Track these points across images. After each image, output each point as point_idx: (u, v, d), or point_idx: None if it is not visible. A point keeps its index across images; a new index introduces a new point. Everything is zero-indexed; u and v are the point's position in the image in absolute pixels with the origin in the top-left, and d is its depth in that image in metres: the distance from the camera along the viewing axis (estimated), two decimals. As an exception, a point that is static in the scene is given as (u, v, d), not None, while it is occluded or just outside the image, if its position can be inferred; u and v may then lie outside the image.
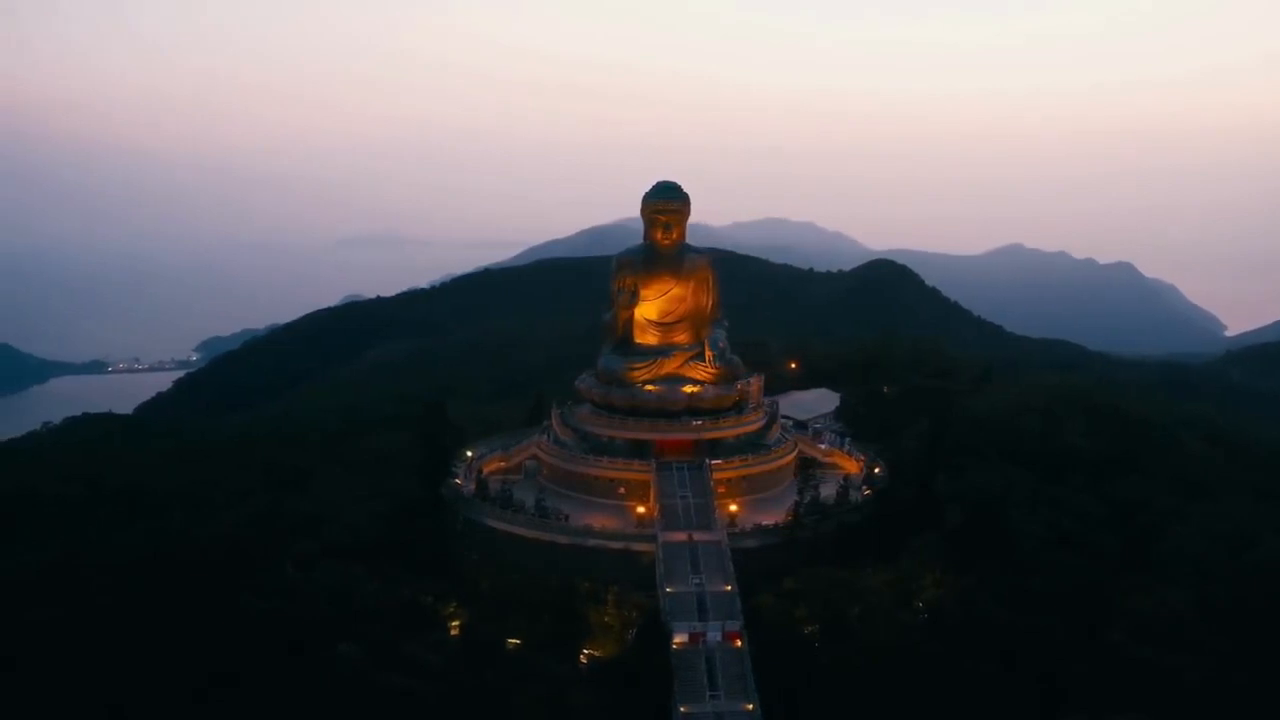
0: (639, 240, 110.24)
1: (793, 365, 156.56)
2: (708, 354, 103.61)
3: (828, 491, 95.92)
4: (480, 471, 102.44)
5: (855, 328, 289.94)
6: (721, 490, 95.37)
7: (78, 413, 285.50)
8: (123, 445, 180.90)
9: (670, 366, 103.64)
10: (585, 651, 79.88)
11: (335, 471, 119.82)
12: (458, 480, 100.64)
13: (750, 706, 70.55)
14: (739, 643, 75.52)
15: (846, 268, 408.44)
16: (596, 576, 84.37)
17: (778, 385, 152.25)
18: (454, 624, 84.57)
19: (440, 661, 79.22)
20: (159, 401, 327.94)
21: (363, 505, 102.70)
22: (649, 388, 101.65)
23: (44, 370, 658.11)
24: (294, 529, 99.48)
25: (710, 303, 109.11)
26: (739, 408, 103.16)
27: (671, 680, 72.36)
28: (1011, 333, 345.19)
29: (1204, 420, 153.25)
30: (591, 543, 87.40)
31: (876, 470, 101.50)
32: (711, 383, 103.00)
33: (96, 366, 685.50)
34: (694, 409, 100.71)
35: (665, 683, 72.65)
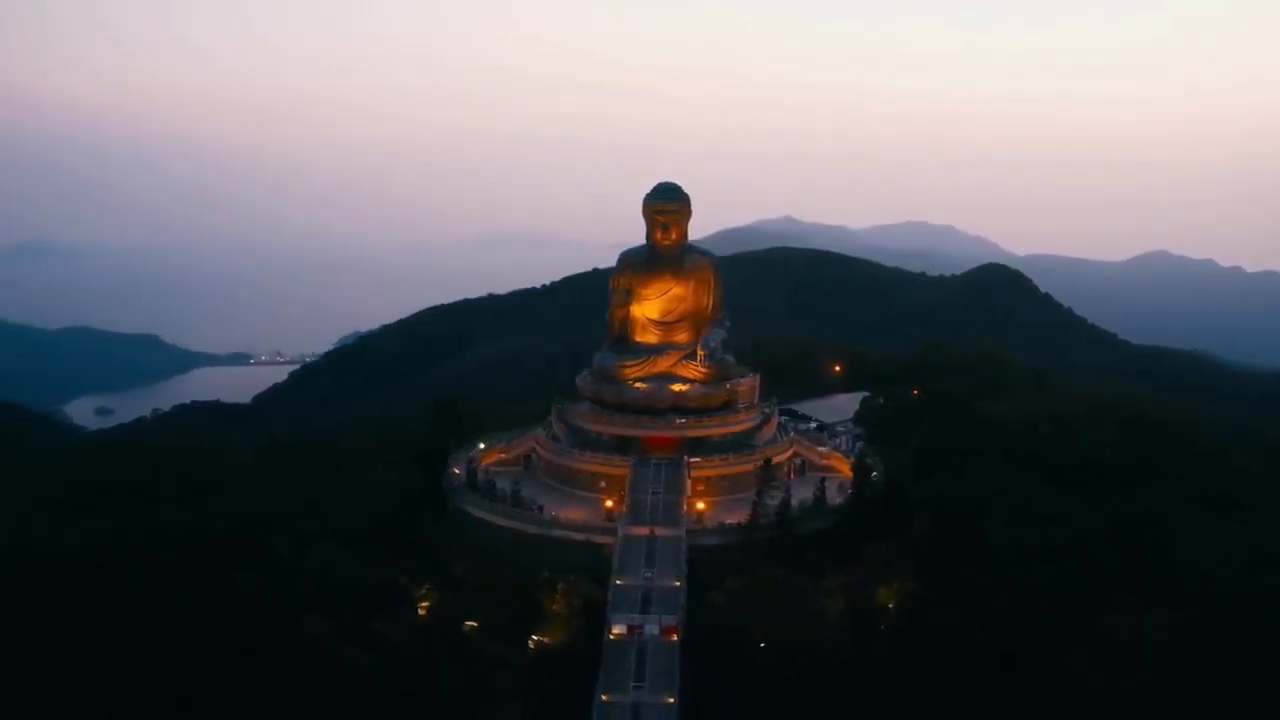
0: (769, 242, 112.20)
1: (836, 369, 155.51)
2: (699, 354, 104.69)
3: (805, 494, 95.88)
4: (473, 462, 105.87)
5: (954, 332, 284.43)
6: (701, 488, 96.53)
7: (206, 402, 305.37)
8: (203, 434, 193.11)
9: (663, 365, 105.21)
10: (534, 637, 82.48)
11: (368, 463, 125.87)
12: (456, 470, 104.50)
13: (670, 700, 71.90)
14: (674, 637, 76.92)
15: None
16: (560, 566, 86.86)
17: (822, 388, 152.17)
18: (423, 605, 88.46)
19: (400, 639, 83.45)
20: (274, 393, 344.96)
21: (371, 493, 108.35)
22: (639, 385, 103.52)
23: (187, 361, 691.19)
24: (305, 513, 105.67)
25: (711, 303, 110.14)
26: (728, 407, 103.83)
27: (598, 669, 74.39)
28: (1127, 341, 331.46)
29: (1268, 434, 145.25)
30: (556, 533, 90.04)
31: (874, 474, 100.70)
32: (702, 382, 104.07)
33: (239, 359, 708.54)
34: (680, 407, 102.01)
35: (593, 671, 74.72)
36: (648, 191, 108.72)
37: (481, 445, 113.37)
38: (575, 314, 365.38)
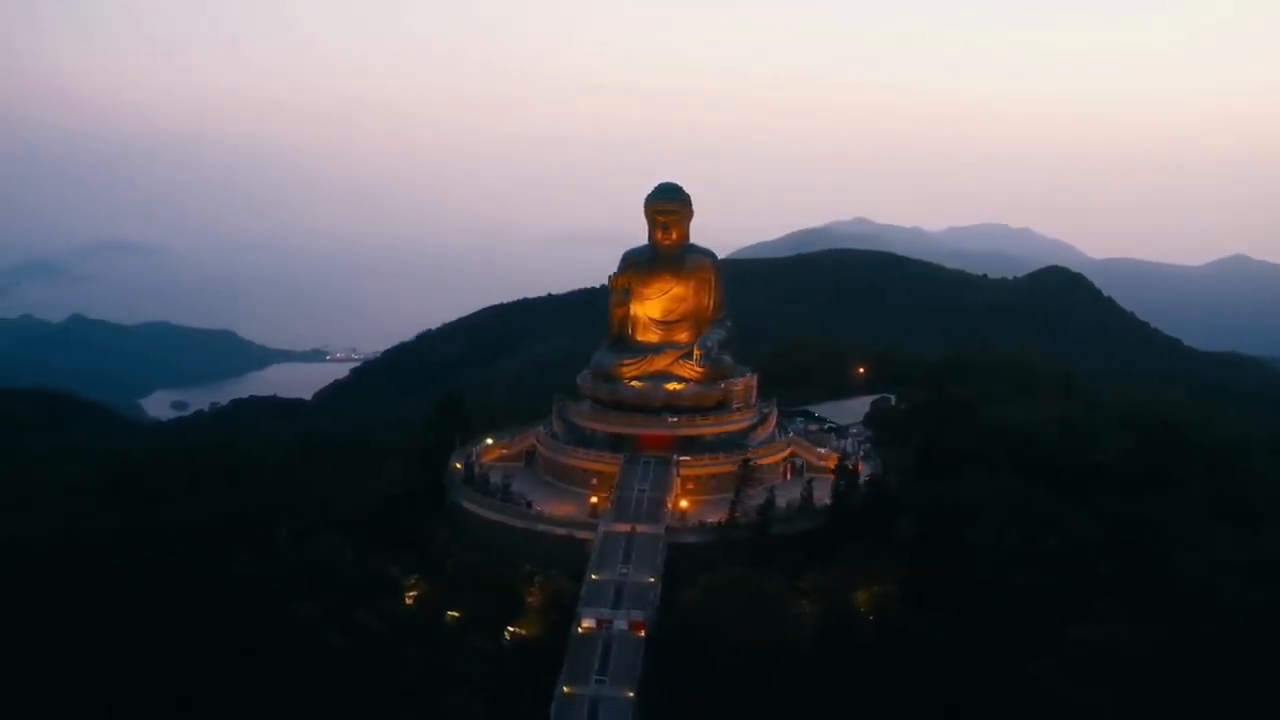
0: (840, 243, 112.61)
1: (861, 371, 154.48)
2: (695, 353, 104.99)
3: (794, 495, 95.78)
4: (470, 457, 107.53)
5: (1007, 335, 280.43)
6: (691, 487, 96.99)
7: (263, 397, 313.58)
8: (248, 429, 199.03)
9: (660, 364, 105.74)
10: (510, 629, 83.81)
11: (386, 458, 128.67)
12: (458, 465, 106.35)
13: (630, 694, 72.64)
14: (641, 633, 77.60)
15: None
16: (544, 560, 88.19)
17: (846, 390, 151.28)
18: (411, 595, 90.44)
19: (383, 628, 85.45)
20: (333, 390, 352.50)
21: (375, 487, 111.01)
22: (634, 384, 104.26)
23: (264, 357, 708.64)
24: (310, 505, 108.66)
25: (711, 302, 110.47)
26: (723, 407, 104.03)
27: (562, 661, 75.36)
28: (1192, 347, 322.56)
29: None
30: (540, 528, 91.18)
31: (856, 475, 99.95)
32: (698, 382, 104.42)
33: (316, 355, 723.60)
34: (673, 406, 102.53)
35: (557, 663, 75.74)
36: (649, 192, 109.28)
37: (489, 441, 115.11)
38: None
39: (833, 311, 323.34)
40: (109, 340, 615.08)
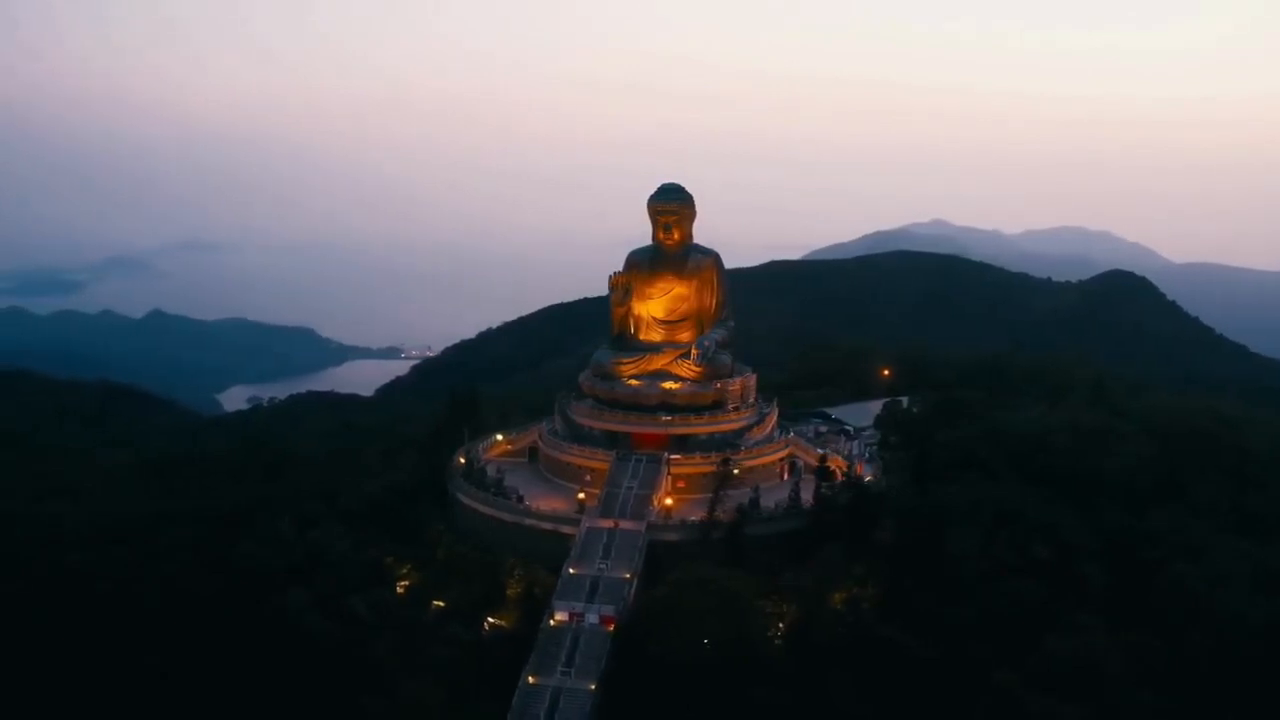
0: (916, 245, 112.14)
1: (885, 373, 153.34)
2: (693, 352, 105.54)
3: (782, 495, 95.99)
4: (475, 452, 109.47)
5: (1068, 339, 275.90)
6: (682, 485, 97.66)
7: (321, 392, 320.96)
8: (296, 423, 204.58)
9: (658, 363, 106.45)
10: (489, 619, 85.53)
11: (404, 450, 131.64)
12: (461, 459, 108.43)
13: (592, 686, 73.81)
14: (611, 627, 78.69)
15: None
16: (530, 553, 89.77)
17: (872, 391, 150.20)
18: (402, 584, 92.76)
19: (370, 614, 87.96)
20: (394, 385, 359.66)
21: (383, 478, 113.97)
22: (632, 382, 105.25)
23: (342, 354, 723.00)
24: (319, 496, 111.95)
25: (714, 302, 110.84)
26: (718, 406, 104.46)
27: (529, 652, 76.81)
28: (1259, 354, 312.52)
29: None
30: (528, 522, 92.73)
31: (853, 479, 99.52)
32: (694, 381, 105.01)
33: (391, 353, 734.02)
34: (667, 404, 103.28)
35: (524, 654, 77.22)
36: (651, 193, 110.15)
37: (499, 436, 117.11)
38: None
39: (891, 313, 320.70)
40: (188, 335, 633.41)
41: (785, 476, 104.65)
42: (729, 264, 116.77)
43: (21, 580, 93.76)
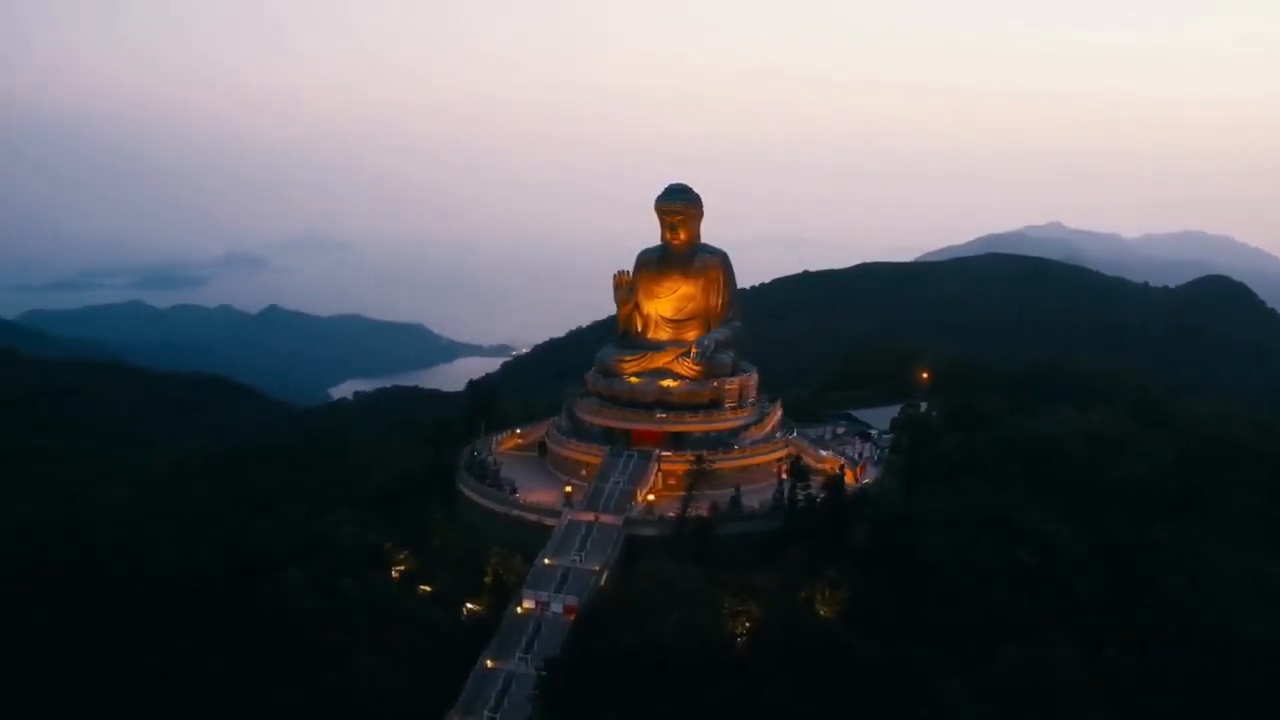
0: (1032, 249, 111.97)
1: (924, 376, 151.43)
2: (692, 351, 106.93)
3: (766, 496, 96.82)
4: (486, 444, 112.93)
5: (1155, 344, 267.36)
6: (673, 482, 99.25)
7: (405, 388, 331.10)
8: (372, 417, 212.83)
9: (660, 361, 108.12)
10: (467, 606, 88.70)
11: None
12: (474, 452, 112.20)
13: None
14: (572, 616, 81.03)
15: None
16: (518, 543, 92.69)
17: (910, 394, 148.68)
18: (398, 569, 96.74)
19: (360, 597, 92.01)
20: (484, 384, 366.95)
21: (396, 468, 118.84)
22: (631, 380, 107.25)
23: (454, 351, 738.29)
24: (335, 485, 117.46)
25: (720, 302, 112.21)
26: (716, 405, 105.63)
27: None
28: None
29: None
30: (514, 513, 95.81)
31: (831, 480, 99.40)
32: (693, 379, 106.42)
33: (502, 350, 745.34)
34: (664, 402, 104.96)
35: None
36: (659, 193, 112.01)
37: (518, 430, 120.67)
38: (782, 311, 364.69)
39: (975, 316, 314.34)
40: (302, 331, 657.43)
41: (784, 476, 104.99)
42: (829, 265, 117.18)
43: (57, 557, 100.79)
